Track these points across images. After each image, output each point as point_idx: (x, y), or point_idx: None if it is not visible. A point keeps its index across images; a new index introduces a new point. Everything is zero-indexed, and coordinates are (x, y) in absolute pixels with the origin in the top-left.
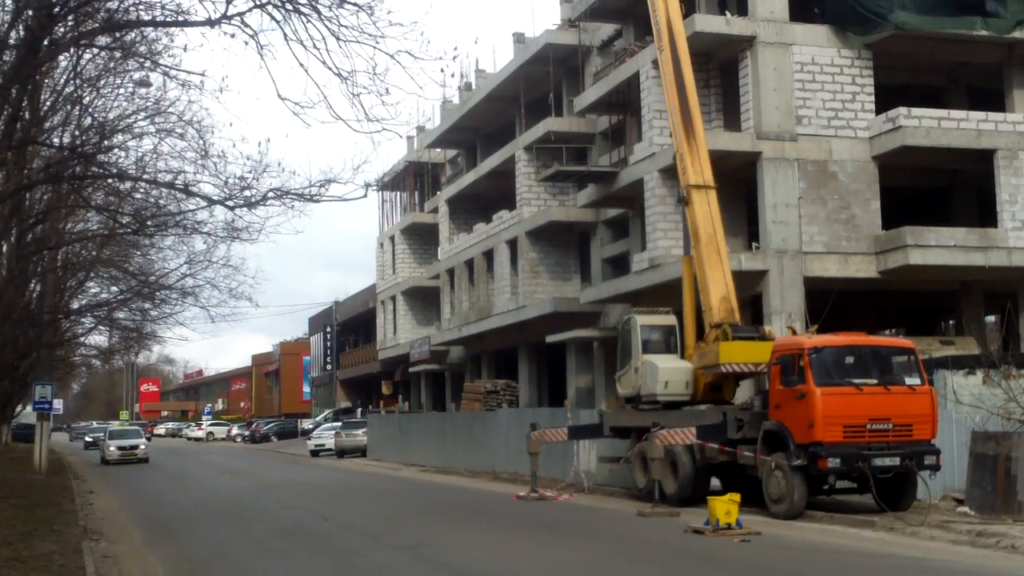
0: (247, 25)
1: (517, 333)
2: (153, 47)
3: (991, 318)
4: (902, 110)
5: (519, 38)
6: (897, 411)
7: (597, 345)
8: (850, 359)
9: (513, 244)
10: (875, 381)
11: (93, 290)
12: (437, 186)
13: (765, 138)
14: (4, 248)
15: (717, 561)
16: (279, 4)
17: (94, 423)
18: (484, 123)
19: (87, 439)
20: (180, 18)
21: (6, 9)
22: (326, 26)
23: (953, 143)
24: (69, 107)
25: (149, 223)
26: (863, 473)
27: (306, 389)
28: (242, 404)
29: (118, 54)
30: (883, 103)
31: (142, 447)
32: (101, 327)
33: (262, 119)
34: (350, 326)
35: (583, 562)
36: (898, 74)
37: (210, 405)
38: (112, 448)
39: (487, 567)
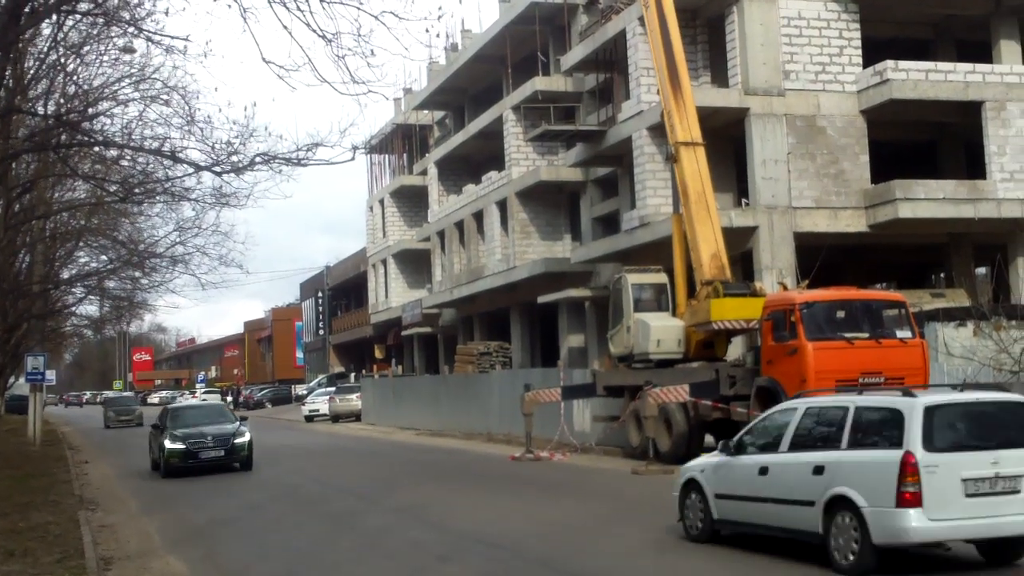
0: None
1: (508, 294)
2: (136, 12)
3: (981, 270)
4: (889, 63)
5: None
6: (889, 364)
7: (589, 305)
8: (841, 313)
9: (503, 205)
10: (866, 335)
11: (83, 259)
12: (425, 148)
13: (753, 93)
14: None
15: None
16: None
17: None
18: (471, 84)
19: (173, 443)
20: None
21: None
22: None
23: (941, 95)
24: (53, 75)
25: (136, 191)
26: None
27: (299, 355)
28: (235, 371)
29: (100, 20)
30: (871, 57)
31: None
32: (92, 296)
33: (247, 84)
34: (342, 290)
35: (579, 521)
36: (885, 27)
37: (203, 373)
38: None
39: (485, 528)
